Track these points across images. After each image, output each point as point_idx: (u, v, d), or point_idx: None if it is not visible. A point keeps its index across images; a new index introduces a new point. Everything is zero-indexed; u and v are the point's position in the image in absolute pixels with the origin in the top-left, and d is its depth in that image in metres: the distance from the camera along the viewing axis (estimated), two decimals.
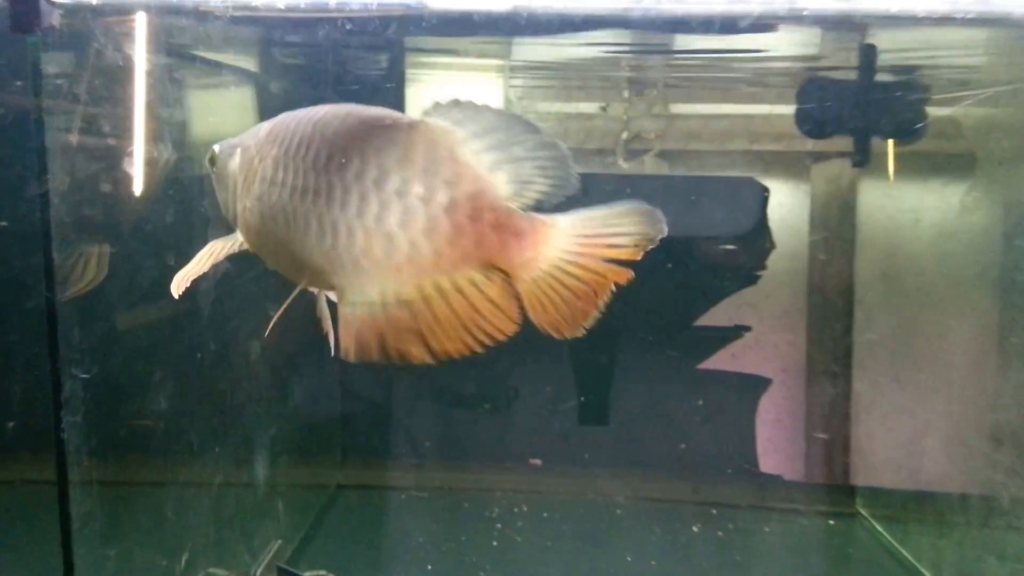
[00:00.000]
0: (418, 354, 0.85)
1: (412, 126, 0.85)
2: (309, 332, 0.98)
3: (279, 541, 1.72)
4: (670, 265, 2.00)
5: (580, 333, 0.85)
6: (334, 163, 0.87)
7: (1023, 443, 1.61)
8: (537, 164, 0.86)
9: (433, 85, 2.01)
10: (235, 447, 1.57)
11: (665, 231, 0.85)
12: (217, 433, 1.51)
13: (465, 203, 0.84)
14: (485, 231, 0.83)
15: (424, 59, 1.93)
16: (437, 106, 0.83)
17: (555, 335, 0.85)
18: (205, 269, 0.97)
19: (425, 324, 0.85)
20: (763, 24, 1.19)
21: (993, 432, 1.64)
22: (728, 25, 1.11)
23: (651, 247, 0.86)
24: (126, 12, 1.13)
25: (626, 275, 0.85)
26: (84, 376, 1.12)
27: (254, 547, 1.65)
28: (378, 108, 0.89)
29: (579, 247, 0.86)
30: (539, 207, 0.85)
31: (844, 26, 1.52)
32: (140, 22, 1.18)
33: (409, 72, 1.92)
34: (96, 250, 1.24)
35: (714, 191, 2.03)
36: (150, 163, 1.29)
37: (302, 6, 1.29)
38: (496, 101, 2.12)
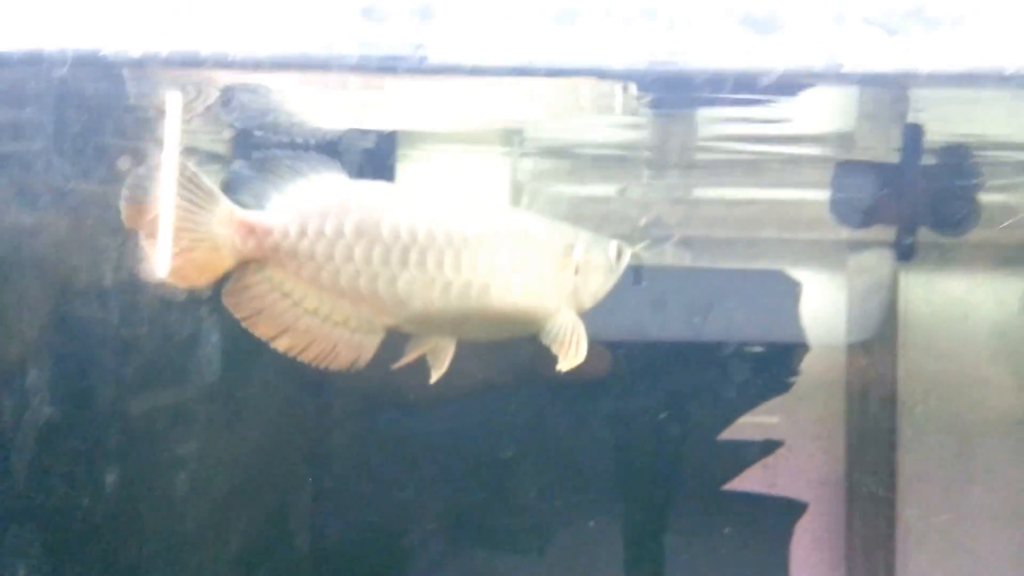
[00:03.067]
0: None
1: None
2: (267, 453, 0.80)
3: None
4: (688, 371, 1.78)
5: None
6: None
7: None
8: None
9: (430, 162, 1.86)
10: None
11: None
12: None
13: None
14: None
15: (420, 131, 1.79)
16: None
17: None
18: None
19: None
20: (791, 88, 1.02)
21: None
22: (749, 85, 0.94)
23: None
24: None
25: None
26: None
27: None
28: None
29: None
30: None
31: (883, 97, 1.35)
32: None
33: (402, 149, 1.78)
34: None
35: (738, 286, 1.83)
36: None
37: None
38: (503, 182, 1.97)
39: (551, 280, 1.19)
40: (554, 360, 1.20)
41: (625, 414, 1.74)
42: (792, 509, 1.82)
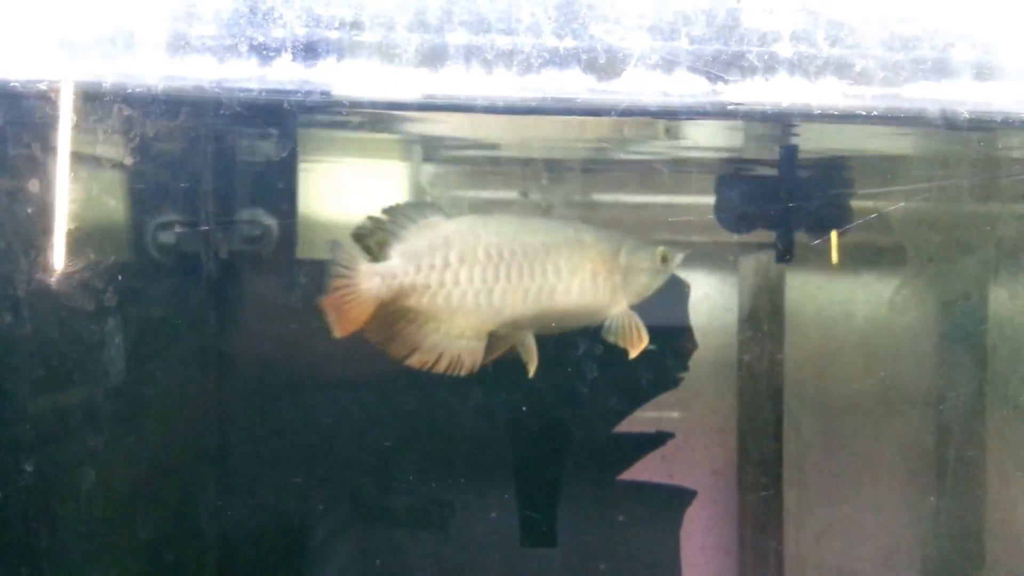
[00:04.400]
0: None
1: None
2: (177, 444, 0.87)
3: None
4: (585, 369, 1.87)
5: None
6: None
7: None
8: None
9: (331, 170, 1.90)
10: None
11: None
12: None
13: None
14: None
15: (322, 139, 1.82)
16: None
17: None
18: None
19: None
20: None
21: (924, 565, 1.51)
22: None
23: None
24: None
25: None
26: None
27: None
28: None
29: None
30: None
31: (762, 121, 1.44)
32: None
33: (304, 157, 1.81)
34: None
35: None
36: None
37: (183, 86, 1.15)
38: (403, 186, 2.01)
39: (601, 279, 1.39)
40: None
41: (524, 403, 1.83)
42: (683, 496, 1.93)
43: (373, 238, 1.30)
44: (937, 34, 0.97)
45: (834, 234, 1.83)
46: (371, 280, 1.25)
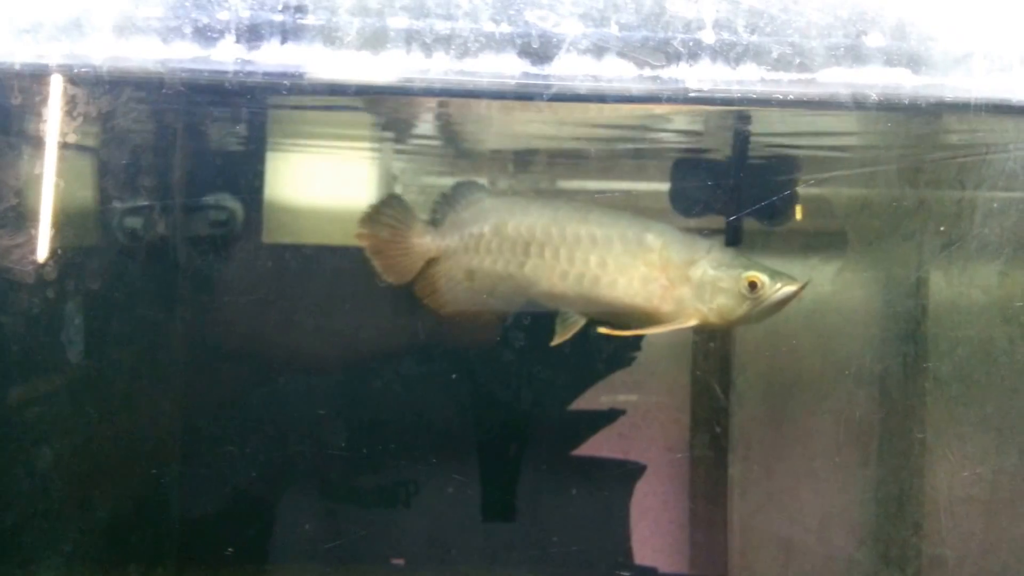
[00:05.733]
0: None
1: None
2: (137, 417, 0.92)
3: None
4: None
5: None
6: None
7: (882, 543, 1.55)
8: None
9: (299, 155, 1.95)
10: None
11: None
12: None
13: None
14: None
15: (290, 125, 1.88)
16: None
17: None
18: None
19: None
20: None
21: (853, 530, 1.58)
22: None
23: None
24: None
25: None
26: None
27: None
28: None
29: None
30: None
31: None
32: None
33: (273, 142, 1.87)
34: None
35: None
36: None
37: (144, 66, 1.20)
38: (372, 172, 2.07)
39: (658, 285, 1.38)
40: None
41: (487, 382, 1.90)
42: (635, 471, 2.01)
43: (439, 210, 1.51)
44: (850, 22, 1.05)
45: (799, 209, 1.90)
46: (423, 237, 1.46)
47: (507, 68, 1.00)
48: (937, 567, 1.66)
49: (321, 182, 1.96)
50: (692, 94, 1.01)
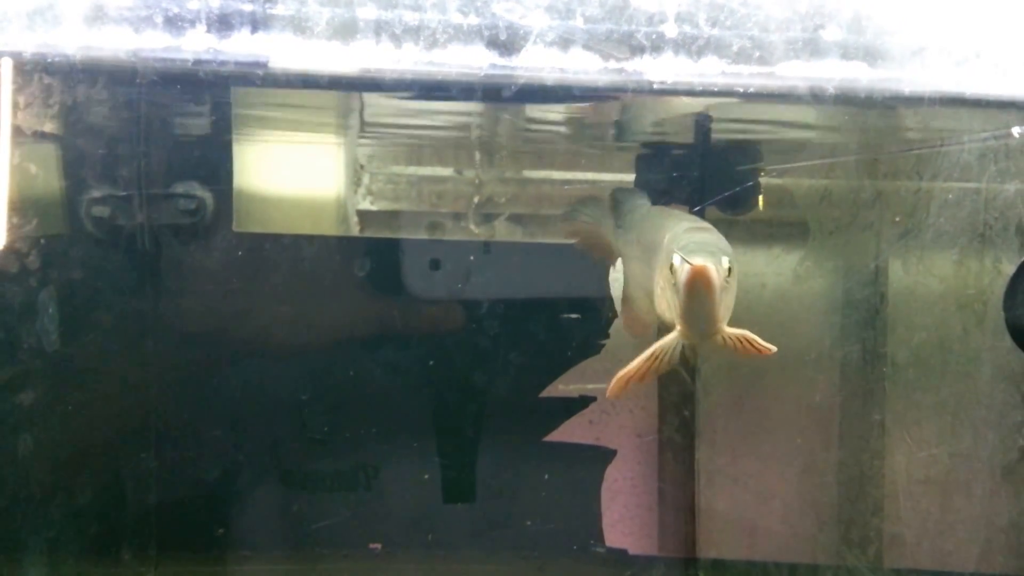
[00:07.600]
0: None
1: None
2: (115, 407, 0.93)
3: None
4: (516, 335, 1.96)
5: None
6: None
7: (843, 524, 1.59)
8: None
9: (267, 145, 1.95)
10: None
11: None
12: None
13: None
14: None
15: (257, 115, 1.87)
16: None
17: None
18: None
19: None
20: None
21: (816, 512, 1.63)
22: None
23: None
24: None
25: None
26: None
27: None
28: None
29: None
30: None
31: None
32: None
33: (239, 131, 1.86)
34: None
35: (548, 258, 2.01)
36: None
37: (114, 55, 1.20)
38: (339, 161, 2.07)
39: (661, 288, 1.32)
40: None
41: (454, 370, 1.93)
42: (605, 456, 2.04)
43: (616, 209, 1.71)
44: (808, 16, 1.08)
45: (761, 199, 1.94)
46: (610, 231, 1.69)
47: (475, 60, 1.02)
48: (896, 546, 1.71)
49: (288, 170, 1.97)
50: (656, 86, 1.03)
